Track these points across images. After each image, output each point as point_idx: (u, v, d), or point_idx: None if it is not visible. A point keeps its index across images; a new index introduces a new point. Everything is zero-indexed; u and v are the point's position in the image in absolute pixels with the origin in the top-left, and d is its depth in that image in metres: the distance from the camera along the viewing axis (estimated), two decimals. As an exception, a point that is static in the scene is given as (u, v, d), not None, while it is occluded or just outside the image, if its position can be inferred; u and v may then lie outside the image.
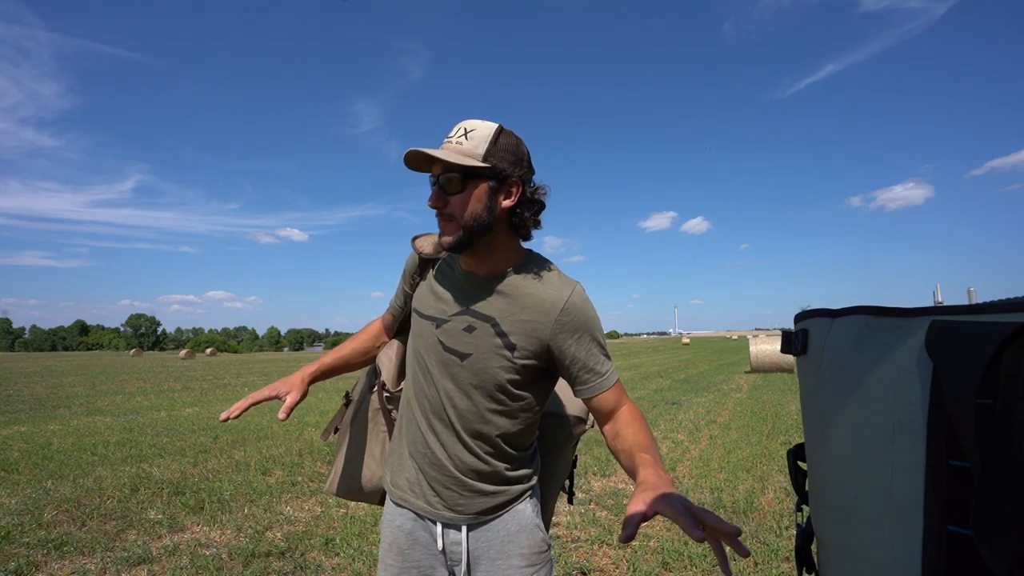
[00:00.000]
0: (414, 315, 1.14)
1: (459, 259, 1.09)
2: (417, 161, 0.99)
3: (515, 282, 1.03)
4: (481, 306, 1.03)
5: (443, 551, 1.08)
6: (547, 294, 1.02)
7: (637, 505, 0.76)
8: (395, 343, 1.27)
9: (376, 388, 1.25)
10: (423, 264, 1.16)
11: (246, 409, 1.05)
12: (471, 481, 1.05)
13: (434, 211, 1.01)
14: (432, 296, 1.10)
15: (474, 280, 1.05)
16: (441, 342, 1.05)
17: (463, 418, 1.04)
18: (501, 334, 1.01)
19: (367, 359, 1.30)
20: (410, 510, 1.10)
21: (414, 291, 1.18)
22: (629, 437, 0.99)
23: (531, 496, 1.12)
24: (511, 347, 1.01)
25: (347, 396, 1.34)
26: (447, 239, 1.00)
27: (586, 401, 1.05)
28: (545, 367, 1.05)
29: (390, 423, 1.24)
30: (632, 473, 0.93)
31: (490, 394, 1.03)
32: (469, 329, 1.03)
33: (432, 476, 1.07)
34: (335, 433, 1.33)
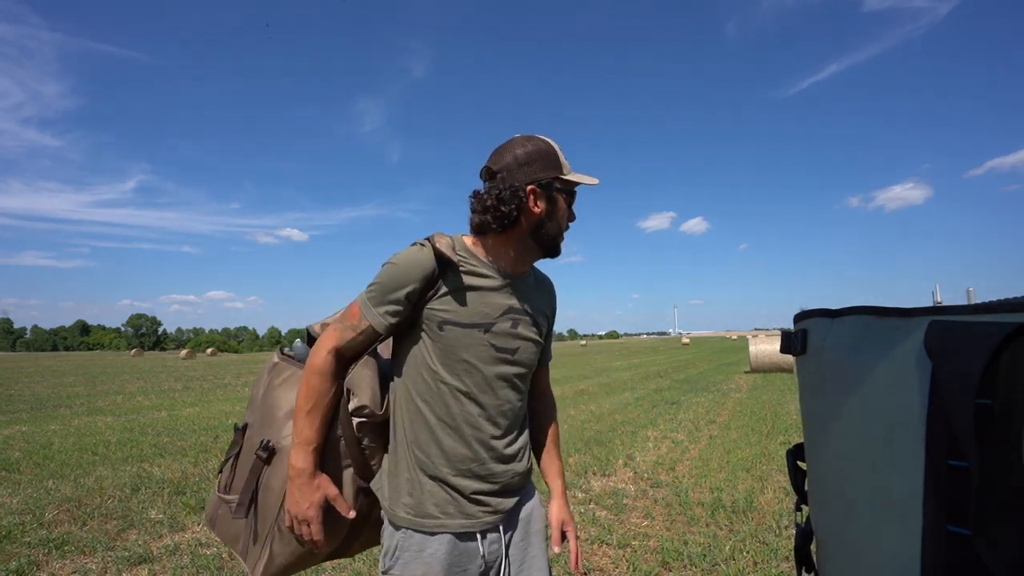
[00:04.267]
0: (445, 328, 1.04)
1: (492, 261, 1.09)
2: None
3: (532, 276, 1.19)
4: (519, 303, 1.12)
5: (483, 557, 1.07)
6: (546, 282, 1.24)
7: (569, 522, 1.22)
8: (369, 360, 1.09)
9: (342, 416, 1.06)
10: (443, 271, 1.05)
11: (322, 527, 1.03)
12: (512, 476, 1.11)
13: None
14: (468, 303, 1.05)
15: (516, 280, 1.12)
16: (492, 345, 1.06)
17: (513, 412, 1.11)
18: (535, 323, 1.15)
19: (337, 401, 1.07)
20: (446, 533, 1.04)
21: (424, 300, 1.05)
22: (551, 433, 1.29)
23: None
24: (540, 333, 1.17)
25: (266, 446, 1.09)
26: (560, 250, 1.14)
27: (537, 371, 1.23)
28: None
29: (360, 456, 1.08)
30: (545, 468, 1.26)
31: (526, 380, 1.15)
32: (514, 326, 1.10)
33: (472, 488, 1.05)
34: (247, 509, 1.09)
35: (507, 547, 1.11)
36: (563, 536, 1.20)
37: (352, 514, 1.05)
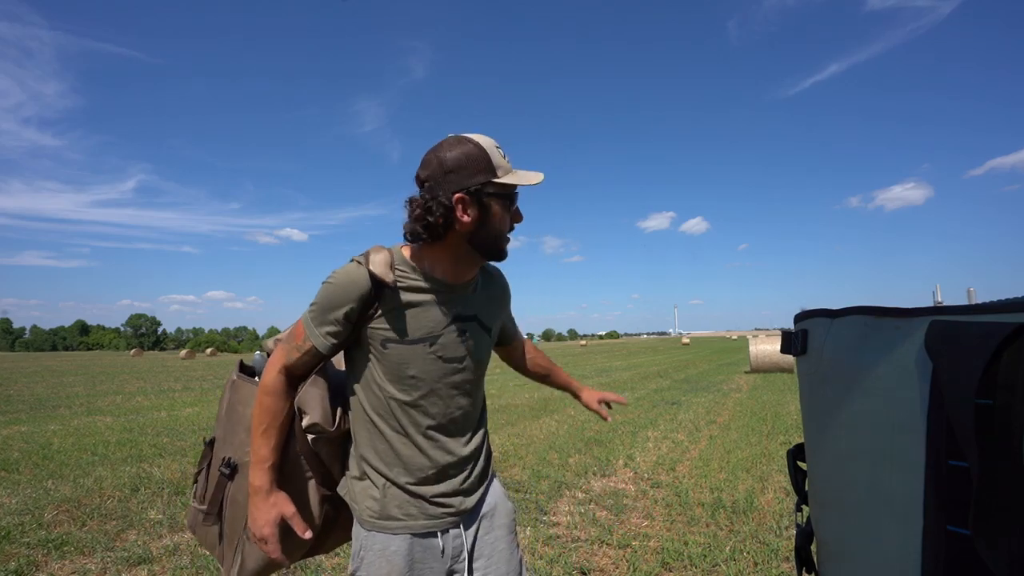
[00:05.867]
0: (388, 346, 1.04)
1: (436, 272, 1.06)
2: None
3: (482, 277, 1.18)
4: (466, 310, 1.11)
5: (443, 552, 1.10)
6: (496, 279, 1.23)
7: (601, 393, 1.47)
8: (318, 379, 1.10)
9: (297, 433, 1.09)
10: (378, 292, 1.02)
11: (279, 545, 1.04)
12: (471, 476, 1.14)
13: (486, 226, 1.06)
14: (409, 320, 1.04)
15: (459, 289, 1.10)
16: (440, 357, 1.07)
17: (466, 416, 1.13)
18: (483, 327, 1.15)
19: (291, 417, 1.09)
20: (407, 533, 1.07)
21: (365, 319, 1.04)
22: (544, 362, 1.46)
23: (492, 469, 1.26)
24: (489, 332, 1.18)
25: (228, 463, 1.13)
26: (505, 253, 1.11)
27: (511, 347, 1.39)
28: None
29: (320, 467, 1.12)
30: (558, 380, 1.48)
31: (479, 382, 1.17)
32: (462, 333, 1.09)
33: (432, 491, 1.08)
34: (216, 519, 1.15)
35: (472, 543, 1.14)
36: (607, 405, 1.46)
37: (308, 534, 1.05)
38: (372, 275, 1.01)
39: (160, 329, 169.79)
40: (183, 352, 44.99)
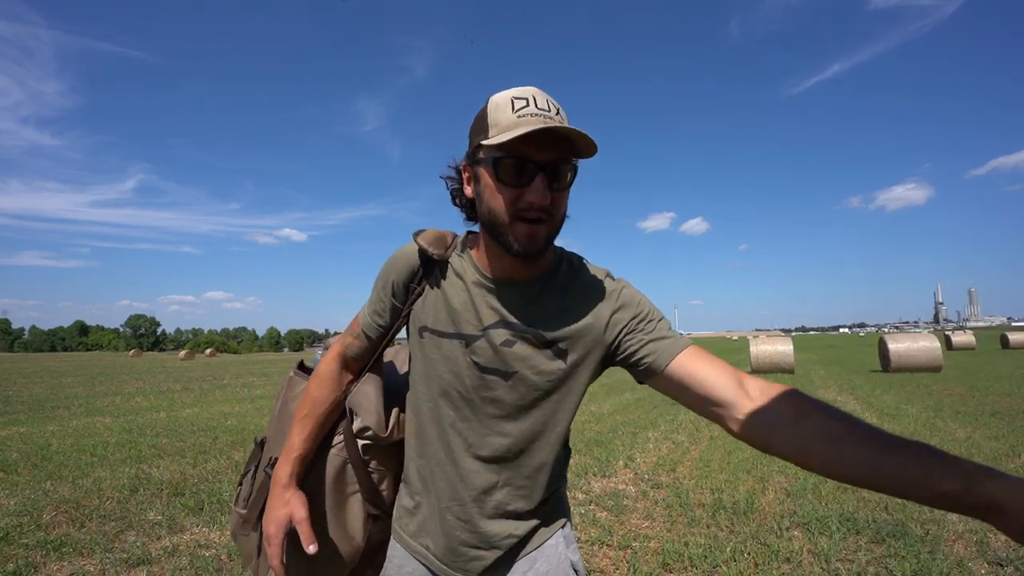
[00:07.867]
0: (424, 335, 0.91)
1: (479, 262, 0.89)
2: (532, 142, 0.74)
3: (557, 282, 0.89)
4: (519, 314, 0.86)
5: None
6: (596, 289, 0.89)
7: None
8: (373, 377, 1.00)
9: (346, 437, 0.98)
10: (427, 268, 0.92)
11: (282, 551, 0.92)
12: (508, 537, 0.89)
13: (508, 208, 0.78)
14: (447, 310, 0.89)
15: (510, 286, 0.87)
16: (476, 363, 0.86)
17: (510, 449, 0.88)
18: (549, 343, 0.86)
19: (337, 414, 1.00)
20: (425, 566, 0.94)
21: (408, 304, 0.93)
22: (823, 415, 0.68)
23: (562, 528, 0.96)
24: (562, 354, 0.86)
25: (274, 462, 0.99)
26: (534, 246, 0.79)
27: (664, 369, 0.83)
28: (599, 370, 0.90)
29: (367, 481, 0.99)
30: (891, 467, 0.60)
31: (539, 415, 0.88)
32: (508, 343, 0.85)
33: (457, 535, 0.89)
34: (256, 526, 1.01)
35: None
36: None
37: (312, 548, 0.89)
38: (421, 247, 0.90)
39: (159, 330, 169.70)
40: (182, 353, 45.01)
